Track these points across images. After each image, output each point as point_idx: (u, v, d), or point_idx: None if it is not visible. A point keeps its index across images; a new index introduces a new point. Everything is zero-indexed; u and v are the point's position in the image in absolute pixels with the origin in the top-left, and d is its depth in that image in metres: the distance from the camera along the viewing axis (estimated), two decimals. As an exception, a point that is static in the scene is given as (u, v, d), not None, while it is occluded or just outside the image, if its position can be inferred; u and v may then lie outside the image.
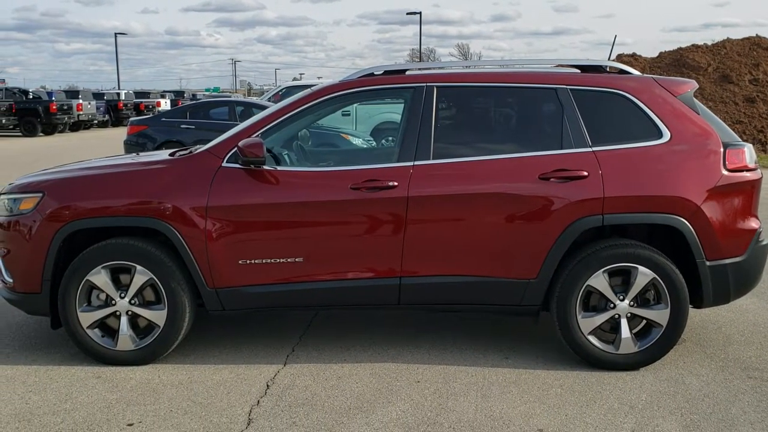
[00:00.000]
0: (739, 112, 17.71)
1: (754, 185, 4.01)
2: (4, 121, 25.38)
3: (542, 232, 3.88)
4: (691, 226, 3.83)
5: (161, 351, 4.04)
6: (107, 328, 4.07)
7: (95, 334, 4.03)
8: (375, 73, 4.29)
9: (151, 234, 4.05)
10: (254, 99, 19.43)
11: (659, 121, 3.97)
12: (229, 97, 26.62)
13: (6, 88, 29.28)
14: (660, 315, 3.89)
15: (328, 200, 3.93)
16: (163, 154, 4.58)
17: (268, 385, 3.78)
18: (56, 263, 4.00)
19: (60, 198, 4.02)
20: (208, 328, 4.64)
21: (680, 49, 20.60)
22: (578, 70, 4.28)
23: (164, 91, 49.34)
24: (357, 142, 9.03)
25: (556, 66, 4.54)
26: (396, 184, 3.89)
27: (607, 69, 4.30)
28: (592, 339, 3.94)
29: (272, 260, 3.95)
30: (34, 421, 3.38)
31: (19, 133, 26.67)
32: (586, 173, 3.86)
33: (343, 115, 11.31)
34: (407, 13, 47.16)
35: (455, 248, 3.92)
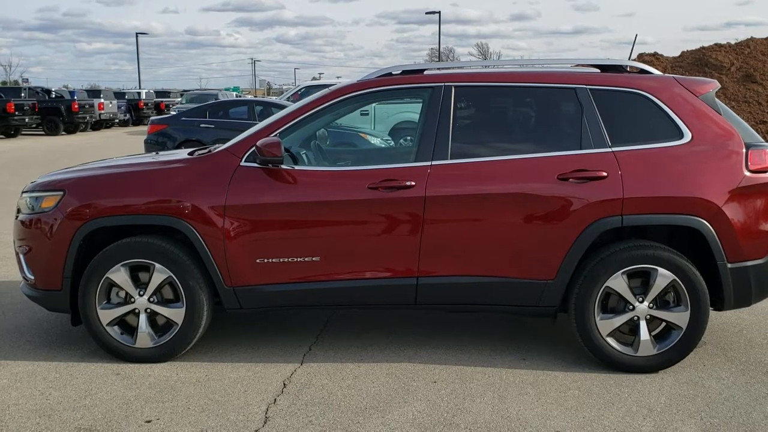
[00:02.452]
0: (763, 112, 17.46)
1: (776, 187, 3.94)
2: (27, 120, 25.71)
3: (561, 233, 3.85)
4: (712, 228, 3.79)
5: (179, 349, 4.07)
6: (126, 326, 4.11)
7: (114, 332, 4.07)
8: (393, 72, 4.28)
9: (170, 232, 4.08)
10: (273, 98, 19.49)
11: (680, 121, 3.92)
12: (217, 97, 26.17)
13: (29, 88, 29.70)
14: (680, 317, 3.85)
15: (345, 200, 3.93)
16: (182, 153, 4.61)
17: (284, 384, 3.79)
18: (76, 261, 4.04)
19: (80, 196, 4.06)
20: (225, 327, 4.66)
21: (703, 48, 20.35)
22: (598, 70, 4.25)
23: (184, 90, 49.69)
24: (375, 141, 9.04)
25: (576, 65, 4.51)
26: (413, 183, 3.89)
27: (628, 69, 4.26)
28: (611, 341, 3.90)
29: (290, 259, 3.96)
30: (54, 416, 3.42)
31: (42, 132, 27.02)
32: (605, 174, 3.82)
33: (361, 114, 11.33)
34: (426, 13, 46.90)
35: (473, 248, 3.91)
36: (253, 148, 3.98)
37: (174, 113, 23.51)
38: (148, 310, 4.04)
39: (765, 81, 18.28)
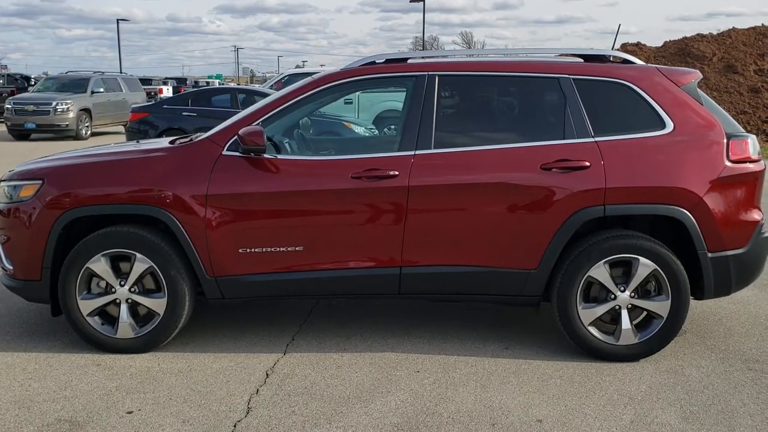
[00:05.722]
0: (744, 102, 17.62)
1: (757, 177, 3.98)
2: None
3: (543, 223, 3.86)
4: (693, 218, 3.81)
5: (161, 339, 4.04)
6: (107, 316, 4.07)
7: (95, 322, 4.03)
8: (377, 61, 4.26)
9: (151, 222, 4.04)
10: (256, 86, 19.25)
11: (662, 111, 3.94)
12: (87, 83, 19.75)
13: (8, 74, 29.22)
14: (661, 306, 3.88)
15: (328, 189, 3.91)
16: (164, 142, 4.57)
17: (267, 374, 3.78)
18: (56, 251, 3.99)
19: (60, 185, 4.01)
20: (208, 317, 4.64)
21: (685, 38, 20.48)
22: (581, 60, 4.25)
23: (166, 78, 49.20)
24: (359, 130, 9.00)
25: (560, 55, 4.51)
26: (397, 173, 3.87)
27: (611, 58, 4.27)
28: (593, 330, 3.93)
29: (272, 249, 3.94)
30: (34, 408, 3.39)
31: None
32: (588, 163, 3.83)
33: (345, 103, 11.26)
34: (410, 1, 46.48)
35: (456, 238, 3.91)
36: (235, 136, 3.94)
37: (8, 106, 18.48)
38: (129, 301, 4.01)
39: (746, 71, 18.45)
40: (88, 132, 19.02)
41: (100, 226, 4.04)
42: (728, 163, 3.88)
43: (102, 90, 19.98)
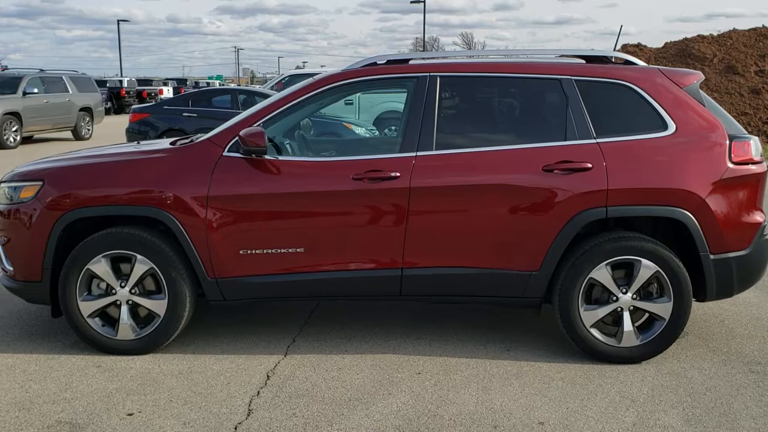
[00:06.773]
0: (745, 103, 17.61)
1: (759, 178, 3.97)
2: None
3: (545, 224, 3.85)
4: (695, 219, 3.80)
5: (161, 340, 4.03)
6: (108, 317, 4.06)
7: (96, 323, 4.02)
8: (378, 62, 4.25)
9: (151, 223, 4.03)
10: (257, 87, 19.14)
11: (664, 112, 3.93)
12: (20, 81, 16.79)
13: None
14: (663, 308, 3.87)
15: (329, 190, 3.90)
16: (164, 143, 4.56)
17: (268, 376, 3.77)
18: (56, 252, 3.98)
19: (60, 186, 4.00)
20: (208, 318, 4.63)
21: (685, 39, 20.46)
22: (583, 61, 4.24)
23: (167, 79, 49.24)
24: (360, 131, 8.99)
25: (561, 56, 4.50)
26: (398, 174, 3.86)
27: (612, 59, 4.26)
28: (594, 332, 3.92)
29: (273, 250, 3.93)
30: (34, 410, 3.38)
31: (21, 120, 26.40)
32: (590, 165, 3.82)
33: (346, 104, 11.25)
34: (411, 2, 46.38)
35: (457, 240, 3.90)
36: (236, 138, 3.93)
37: None
38: (130, 302, 4.00)
39: (747, 72, 18.43)
40: (17, 138, 16.31)
41: (100, 228, 4.03)
42: (730, 165, 3.87)
43: (37, 91, 17.24)
